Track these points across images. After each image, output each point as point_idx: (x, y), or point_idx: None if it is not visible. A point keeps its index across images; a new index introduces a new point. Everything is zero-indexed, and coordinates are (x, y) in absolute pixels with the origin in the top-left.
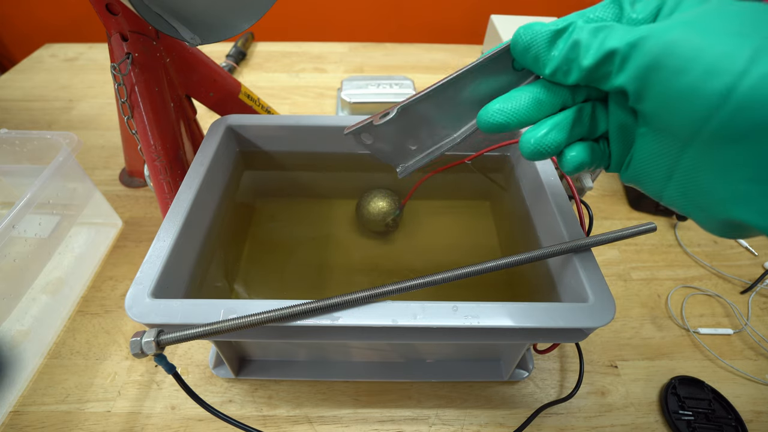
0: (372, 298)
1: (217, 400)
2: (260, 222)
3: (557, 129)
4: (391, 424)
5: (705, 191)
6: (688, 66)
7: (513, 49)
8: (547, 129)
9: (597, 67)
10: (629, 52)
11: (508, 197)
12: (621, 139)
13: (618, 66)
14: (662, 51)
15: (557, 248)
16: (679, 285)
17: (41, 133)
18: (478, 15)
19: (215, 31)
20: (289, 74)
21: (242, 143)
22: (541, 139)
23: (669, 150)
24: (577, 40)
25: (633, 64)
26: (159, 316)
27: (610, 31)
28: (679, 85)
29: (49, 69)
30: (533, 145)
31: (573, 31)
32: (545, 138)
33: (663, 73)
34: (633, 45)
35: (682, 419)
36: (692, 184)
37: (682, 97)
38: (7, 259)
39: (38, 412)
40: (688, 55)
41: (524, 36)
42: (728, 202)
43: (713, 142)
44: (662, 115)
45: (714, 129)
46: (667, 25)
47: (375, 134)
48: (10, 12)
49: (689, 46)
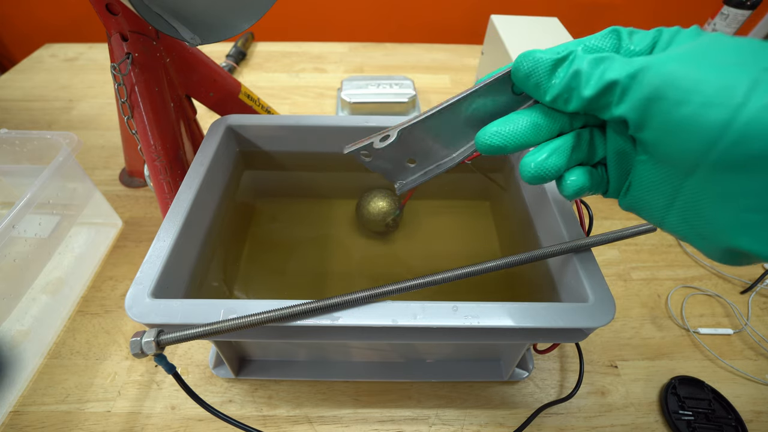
0: (372, 298)
1: (217, 400)
2: (260, 222)
3: (557, 153)
4: (391, 424)
5: (707, 220)
6: (687, 97)
7: (514, 76)
8: (547, 153)
9: (597, 97)
10: (629, 84)
11: (508, 197)
12: (619, 166)
13: (618, 97)
14: (662, 82)
15: (557, 248)
16: (679, 285)
17: (41, 133)
18: (478, 15)
19: (215, 31)
20: (289, 74)
21: (242, 143)
22: (541, 163)
23: (670, 178)
24: (578, 70)
25: (633, 95)
26: (159, 316)
27: (611, 63)
28: (679, 116)
29: (49, 69)
30: (533, 169)
31: (573, 60)
32: (545, 162)
33: (663, 104)
34: (633, 76)
35: (682, 419)
36: (694, 213)
37: (682, 128)
38: (7, 259)
39: (38, 412)
40: (687, 86)
41: (525, 64)
42: (730, 231)
43: (715, 172)
44: (663, 144)
45: (715, 159)
46: (665, 57)
47: (374, 153)
48: (10, 12)
49: (688, 78)
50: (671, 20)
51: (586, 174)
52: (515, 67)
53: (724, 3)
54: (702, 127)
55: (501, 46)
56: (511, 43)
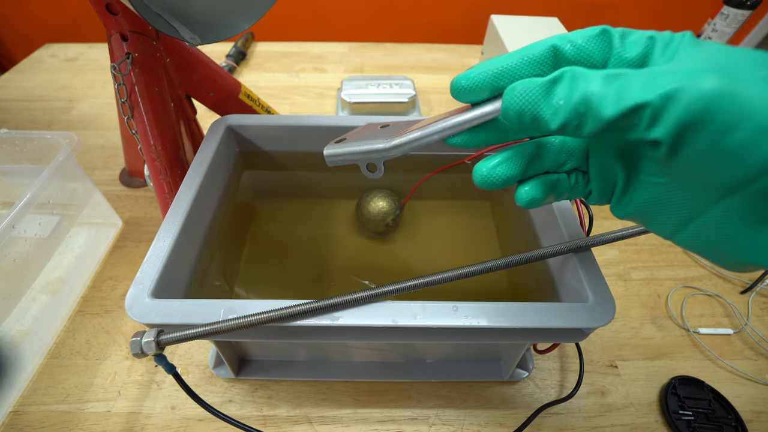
0: (372, 298)
1: (217, 400)
2: (260, 222)
3: (508, 163)
4: (391, 424)
5: (730, 239)
6: (738, 123)
7: (506, 118)
8: (497, 162)
9: (619, 120)
10: (663, 105)
11: (508, 197)
12: (601, 178)
13: (649, 120)
14: (706, 105)
15: (557, 248)
16: (679, 285)
17: (41, 133)
18: (478, 15)
19: (215, 31)
20: (289, 74)
21: (242, 143)
22: (490, 170)
23: (694, 200)
24: (588, 92)
25: (670, 119)
26: (159, 316)
27: (628, 81)
28: (727, 143)
29: (49, 69)
30: (480, 175)
31: (576, 80)
32: (494, 170)
33: (708, 130)
34: (667, 97)
35: (682, 419)
36: (716, 232)
37: (729, 155)
38: (7, 259)
39: (38, 412)
40: (736, 110)
41: (514, 100)
42: (755, 252)
43: (757, 198)
44: (700, 169)
45: (762, 187)
46: (694, 73)
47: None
48: (10, 12)
49: (736, 100)
50: (671, 20)
51: (540, 186)
52: (504, 106)
53: (724, 3)
54: (754, 155)
55: (501, 46)
56: (511, 43)
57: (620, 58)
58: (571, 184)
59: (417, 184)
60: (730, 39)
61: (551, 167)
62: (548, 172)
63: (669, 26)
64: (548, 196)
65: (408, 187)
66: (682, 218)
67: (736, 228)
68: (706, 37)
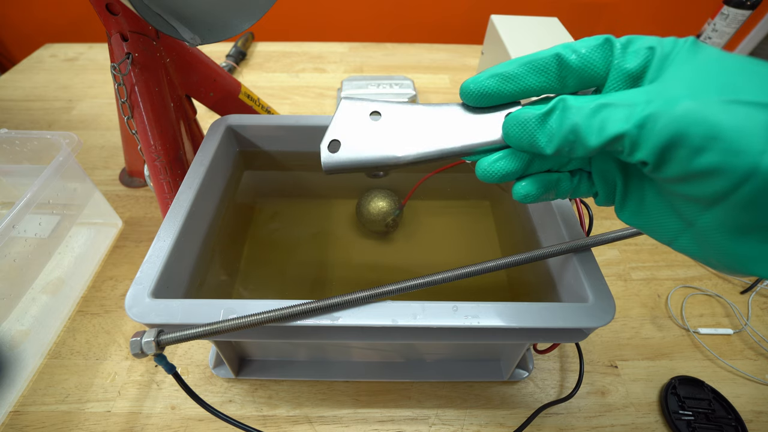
0: (372, 298)
1: (217, 400)
2: (260, 222)
3: (507, 158)
4: (391, 424)
5: (723, 248)
6: (707, 145)
7: (507, 140)
8: (497, 156)
9: (605, 147)
10: (639, 134)
11: (508, 197)
12: (604, 182)
13: (629, 147)
14: (677, 130)
15: (557, 248)
16: (679, 285)
17: (41, 133)
18: (478, 15)
19: (215, 31)
20: (289, 74)
21: (242, 143)
22: (489, 164)
23: (685, 211)
24: (576, 124)
25: (648, 144)
26: (159, 316)
27: (611, 112)
28: (700, 162)
29: (49, 69)
30: (481, 169)
31: (566, 112)
32: (493, 165)
33: (682, 152)
34: (641, 126)
35: (682, 419)
36: (709, 240)
37: (705, 173)
38: (7, 259)
39: (38, 412)
40: (704, 134)
41: (513, 129)
42: (748, 261)
43: (736, 209)
44: (683, 185)
45: (738, 200)
46: (669, 97)
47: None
48: (10, 12)
49: (704, 124)
50: (671, 20)
51: (537, 183)
52: (505, 133)
53: (724, 3)
54: (726, 173)
55: (501, 46)
56: (511, 43)
57: (620, 69)
58: (573, 184)
59: (417, 184)
60: (730, 39)
61: (553, 166)
62: (551, 171)
63: (669, 26)
64: (545, 194)
65: (408, 187)
66: (678, 226)
67: (722, 237)
68: (706, 37)
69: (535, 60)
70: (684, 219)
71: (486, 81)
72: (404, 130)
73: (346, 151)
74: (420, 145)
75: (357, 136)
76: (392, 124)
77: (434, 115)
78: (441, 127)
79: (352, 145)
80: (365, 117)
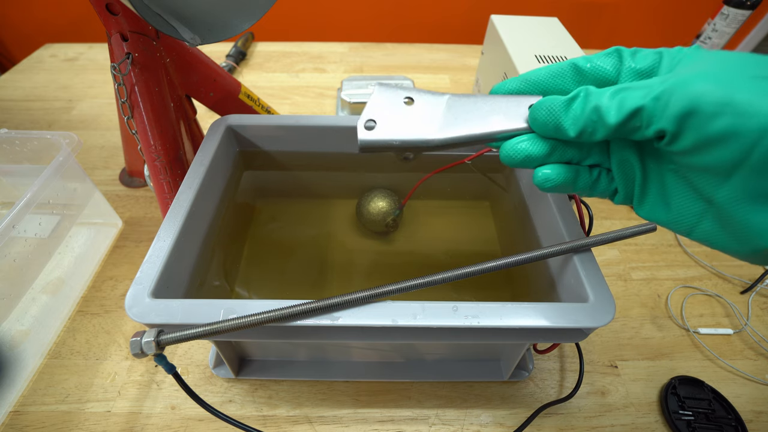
0: (372, 298)
1: (217, 400)
2: (260, 222)
3: (531, 142)
4: (391, 424)
5: (743, 223)
6: (721, 110)
7: (533, 125)
8: (522, 138)
9: (624, 123)
10: (655, 106)
11: (508, 197)
12: (623, 173)
13: (646, 120)
14: (693, 98)
15: (557, 248)
16: (679, 285)
17: (41, 133)
18: (478, 15)
19: (215, 31)
20: (289, 74)
21: (242, 143)
22: (513, 145)
23: (704, 186)
24: (598, 104)
25: (664, 115)
26: (159, 316)
27: (630, 91)
28: (715, 127)
29: (49, 69)
30: (505, 151)
31: (588, 96)
32: (516, 146)
33: (697, 118)
34: (657, 98)
35: (682, 419)
36: (730, 217)
37: (720, 138)
38: (7, 259)
39: (38, 412)
40: (718, 99)
41: (541, 113)
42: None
43: (752, 175)
44: (700, 154)
45: (753, 163)
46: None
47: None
48: (10, 12)
49: (717, 92)
50: (671, 20)
51: (559, 169)
52: (532, 117)
53: (724, 3)
54: (740, 135)
55: (501, 46)
56: (511, 43)
57: (631, 69)
58: (592, 179)
59: (417, 184)
60: (730, 39)
61: (573, 158)
62: (570, 163)
63: (669, 26)
64: (564, 181)
65: (408, 187)
66: (699, 208)
67: (741, 209)
68: (706, 37)
69: (555, 67)
70: (703, 198)
71: (512, 85)
72: (435, 116)
73: (381, 131)
74: (449, 130)
75: (391, 117)
76: (424, 109)
77: (462, 103)
78: (468, 114)
79: (387, 125)
80: (399, 101)
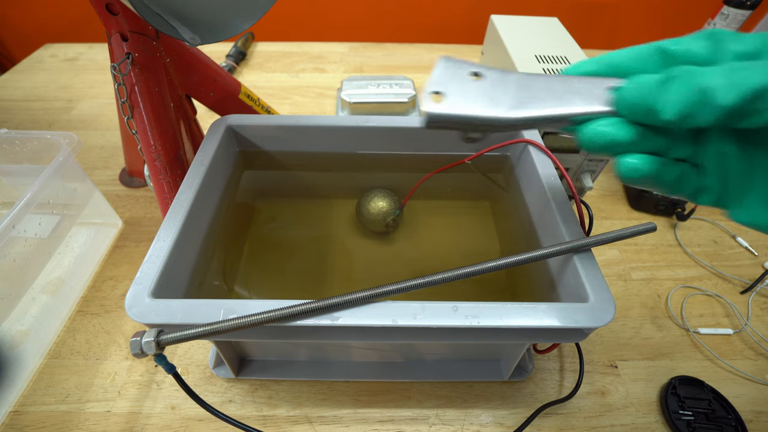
0: (372, 298)
1: (217, 400)
2: (260, 222)
3: (617, 125)
4: (391, 424)
5: None
6: None
7: (620, 107)
8: (607, 122)
9: (743, 105)
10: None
11: (508, 197)
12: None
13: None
14: None
15: (557, 248)
16: (679, 285)
17: (41, 133)
18: (478, 15)
19: (215, 31)
20: (289, 74)
21: (242, 143)
22: (596, 128)
23: None
24: (704, 84)
25: None
26: (159, 316)
27: (744, 71)
28: None
29: (49, 69)
30: (587, 135)
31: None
32: (600, 128)
33: None
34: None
35: (682, 419)
36: None
37: None
38: (7, 259)
39: (38, 412)
40: None
41: (630, 94)
42: None
43: None
44: None
45: None
46: None
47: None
48: (10, 12)
49: None
50: (671, 20)
51: (645, 158)
52: (621, 98)
53: (724, 3)
54: None
55: (501, 46)
56: (511, 43)
57: (733, 52)
58: (677, 174)
59: (417, 184)
60: None
61: (661, 148)
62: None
63: (669, 26)
64: (652, 173)
65: (408, 187)
66: None
67: None
68: None
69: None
70: None
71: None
72: (506, 93)
73: (450, 105)
74: (523, 109)
75: (460, 92)
76: (494, 86)
77: (535, 81)
78: (542, 93)
79: (456, 99)
80: (465, 76)
